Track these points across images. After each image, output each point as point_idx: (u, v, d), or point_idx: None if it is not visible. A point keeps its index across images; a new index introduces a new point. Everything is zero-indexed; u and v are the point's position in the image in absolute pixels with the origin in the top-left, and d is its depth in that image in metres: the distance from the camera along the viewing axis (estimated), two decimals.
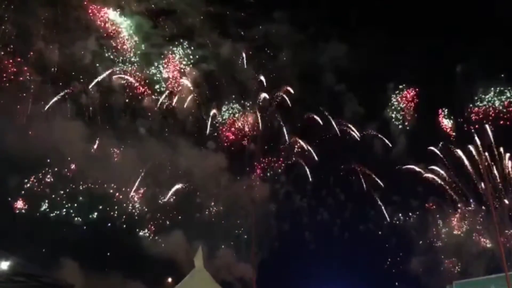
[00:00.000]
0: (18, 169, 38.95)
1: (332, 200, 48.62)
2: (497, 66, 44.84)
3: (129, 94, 44.71)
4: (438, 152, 45.75)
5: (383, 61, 45.58)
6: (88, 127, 41.96)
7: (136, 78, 44.94)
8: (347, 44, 48.40)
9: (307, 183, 47.38)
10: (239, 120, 48.04)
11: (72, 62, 42.19)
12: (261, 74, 47.56)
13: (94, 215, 42.77)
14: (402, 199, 47.83)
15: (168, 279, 38.86)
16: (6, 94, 38.80)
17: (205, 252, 18.63)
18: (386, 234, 47.65)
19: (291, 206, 48.25)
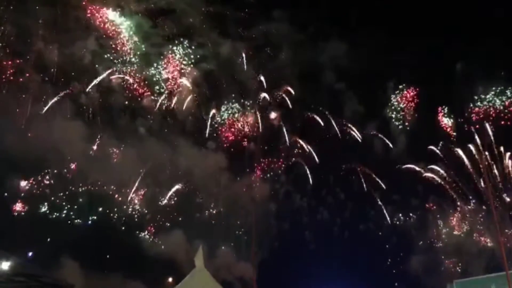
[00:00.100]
0: (17, 170, 38.98)
1: (332, 199, 48.62)
2: (497, 66, 44.85)
3: (128, 95, 44.79)
4: (438, 151, 45.78)
5: (383, 60, 45.52)
6: (87, 127, 41.93)
7: (135, 79, 44.96)
8: (347, 43, 48.31)
9: (307, 183, 47.45)
10: (239, 120, 48.04)
11: (71, 62, 42.17)
12: (261, 74, 47.65)
13: (94, 217, 42.74)
14: (402, 199, 47.84)
15: (168, 279, 38.85)
16: (5, 94, 38.79)
17: (205, 252, 18.62)
18: (387, 233, 47.66)
19: (291, 206, 48.29)
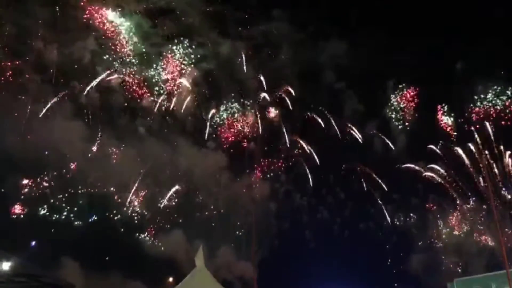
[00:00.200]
0: (17, 170, 38.83)
1: (332, 199, 48.56)
2: (497, 66, 44.74)
3: (128, 96, 44.66)
4: (438, 150, 45.78)
5: (383, 60, 45.39)
6: (87, 128, 41.92)
7: (134, 80, 44.85)
8: (347, 43, 48.30)
9: (307, 182, 47.34)
10: (239, 121, 47.91)
11: (71, 63, 42.15)
12: (260, 74, 47.58)
13: (94, 219, 42.63)
14: (402, 198, 47.75)
15: (169, 279, 38.84)
16: (4, 95, 38.64)
17: (205, 251, 18.63)
18: (387, 233, 47.64)
19: (291, 205, 48.24)
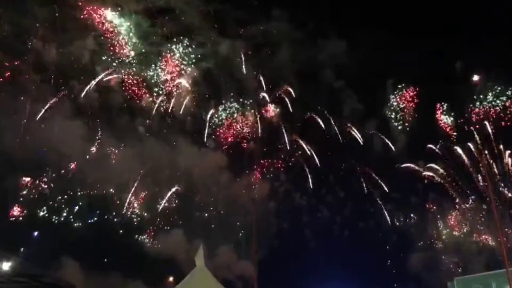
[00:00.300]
0: (16, 171, 38.78)
1: (332, 199, 48.54)
2: (497, 66, 44.67)
3: (127, 97, 44.51)
4: (438, 150, 45.82)
5: (383, 60, 45.28)
6: (86, 128, 41.76)
7: (133, 80, 44.72)
8: (347, 42, 48.14)
9: (307, 182, 47.28)
10: (238, 121, 47.68)
11: (70, 62, 42.06)
12: (260, 73, 47.50)
13: (93, 219, 42.57)
14: (402, 198, 47.72)
15: (169, 278, 38.87)
16: (3, 95, 38.40)
17: (205, 251, 18.68)
18: (387, 232, 47.67)
19: (291, 205, 48.15)
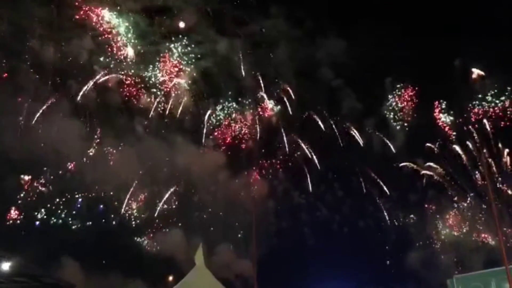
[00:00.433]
0: (13, 173, 38.84)
1: (331, 198, 48.55)
2: (497, 65, 44.70)
3: (125, 98, 44.30)
4: (437, 148, 45.93)
5: (382, 58, 45.28)
6: (84, 128, 41.84)
7: (132, 81, 44.59)
8: (346, 41, 48.06)
9: (306, 182, 47.27)
10: (236, 121, 47.46)
11: (68, 62, 42.00)
12: (258, 72, 47.37)
13: (91, 222, 42.41)
14: (401, 197, 47.79)
15: (169, 278, 38.91)
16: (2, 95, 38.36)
17: (205, 250, 18.74)
18: (386, 231, 47.75)
19: (290, 204, 48.18)
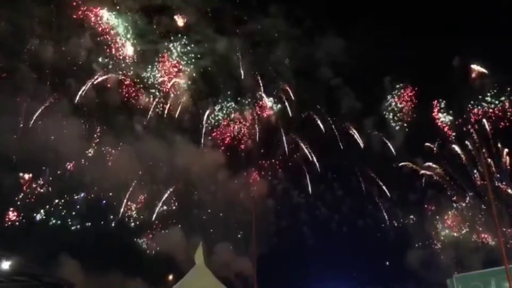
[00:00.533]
0: (12, 173, 38.84)
1: (330, 197, 48.53)
2: (497, 66, 44.73)
3: (124, 98, 44.30)
4: (436, 148, 46.02)
5: (381, 57, 45.27)
6: (83, 128, 41.72)
7: (130, 82, 44.54)
8: (346, 40, 48.03)
9: (305, 181, 47.30)
10: (235, 122, 47.34)
11: (66, 63, 41.95)
12: (257, 71, 47.34)
13: (90, 223, 42.44)
14: (401, 197, 47.75)
15: (169, 277, 38.95)
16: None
17: (205, 249, 18.76)
18: (386, 231, 47.79)
19: (289, 203, 48.13)
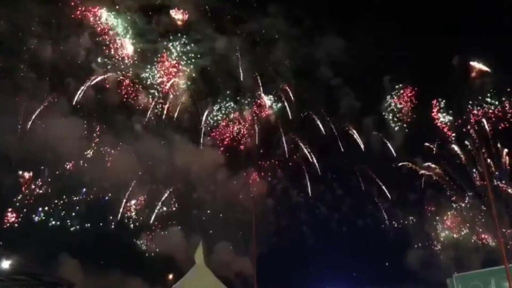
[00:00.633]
0: (11, 173, 39.02)
1: (330, 197, 48.73)
2: (497, 66, 44.70)
3: (123, 98, 44.37)
4: (435, 148, 46.06)
5: (381, 57, 45.32)
6: (83, 127, 41.79)
7: (130, 82, 44.55)
8: (346, 40, 48.16)
9: (305, 180, 47.49)
10: (235, 122, 47.38)
11: (66, 62, 41.96)
12: (257, 71, 47.36)
13: (89, 224, 42.51)
14: (400, 197, 47.90)
15: (169, 276, 38.97)
16: None
17: (205, 248, 18.78)
18: (385, 230, 47.98)
19: (289, 203, 48.31)
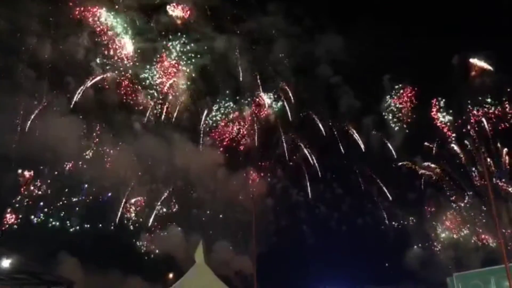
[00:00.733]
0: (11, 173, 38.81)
1: (330, 197, 48.41)
2: (497, 66, 44.58)
3: (122, 99, 44.02)
4: (435, 148, 46.07)
5: (381, 57, 45.06)
6: (82, 126, 41.63)
7: (129, 84, 44.47)
8: (345, 38, 47.87)
9: (305, 180, 47.25)
10: (234, 123, 47.03)
11: (65, 62, 41.87)
12: (256, 70, 47.06)
13: (89, 225, 42.40)
14: (401, 196, 47.66)
15: (169, 275, 39.03)
16: None
17: (205, 247, 18.82)
18: (385, 230, 47.85)
19: (289, 203, 48.05)
